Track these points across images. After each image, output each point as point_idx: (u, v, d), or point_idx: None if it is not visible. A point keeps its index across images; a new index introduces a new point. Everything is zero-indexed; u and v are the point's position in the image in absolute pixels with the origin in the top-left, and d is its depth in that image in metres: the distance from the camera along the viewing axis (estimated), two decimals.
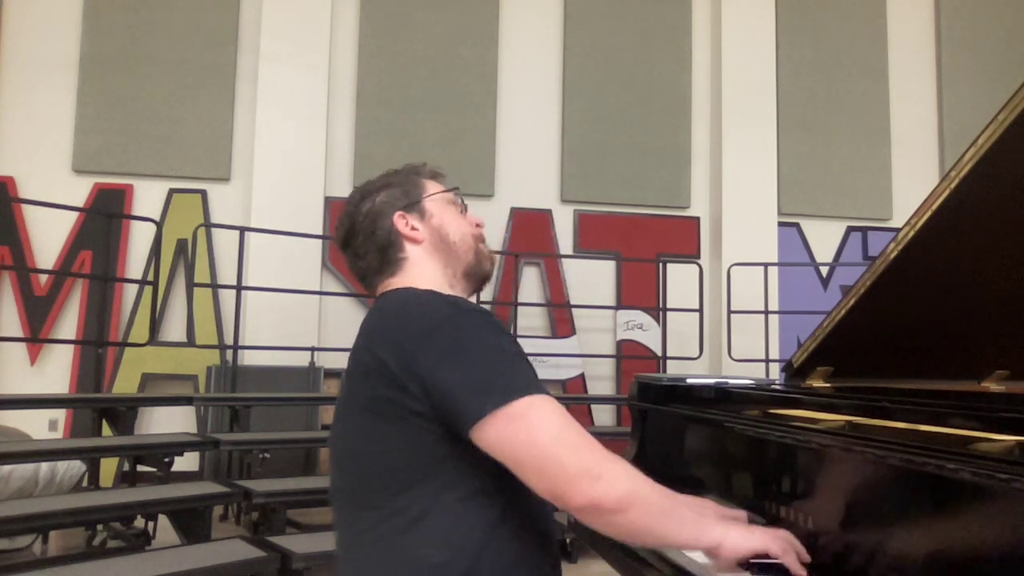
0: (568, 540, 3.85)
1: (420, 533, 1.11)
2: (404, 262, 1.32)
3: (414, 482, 1.12)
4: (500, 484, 1.12)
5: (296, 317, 5.79)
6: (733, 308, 6.23)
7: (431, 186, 1.38)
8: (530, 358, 1.18)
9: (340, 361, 5.65)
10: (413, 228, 1.33)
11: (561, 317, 6.53)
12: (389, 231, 1.32)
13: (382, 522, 1.13)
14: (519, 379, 1.09)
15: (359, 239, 1.33)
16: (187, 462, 5.09)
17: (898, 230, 1.45)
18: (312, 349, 5.67)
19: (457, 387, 1.08)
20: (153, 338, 5.13)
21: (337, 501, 1.23)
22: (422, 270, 1.32)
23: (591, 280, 6.57)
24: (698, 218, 6.89)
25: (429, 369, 1.09)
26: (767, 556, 1.14)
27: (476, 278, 1.37)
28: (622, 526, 1.06)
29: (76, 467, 3.94)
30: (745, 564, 1.21)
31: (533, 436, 1.05)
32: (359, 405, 1.16)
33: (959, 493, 0.96)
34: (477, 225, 1.40)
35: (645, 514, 1.06)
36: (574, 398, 6.25)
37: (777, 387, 1.83)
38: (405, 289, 1.28)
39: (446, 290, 1.31)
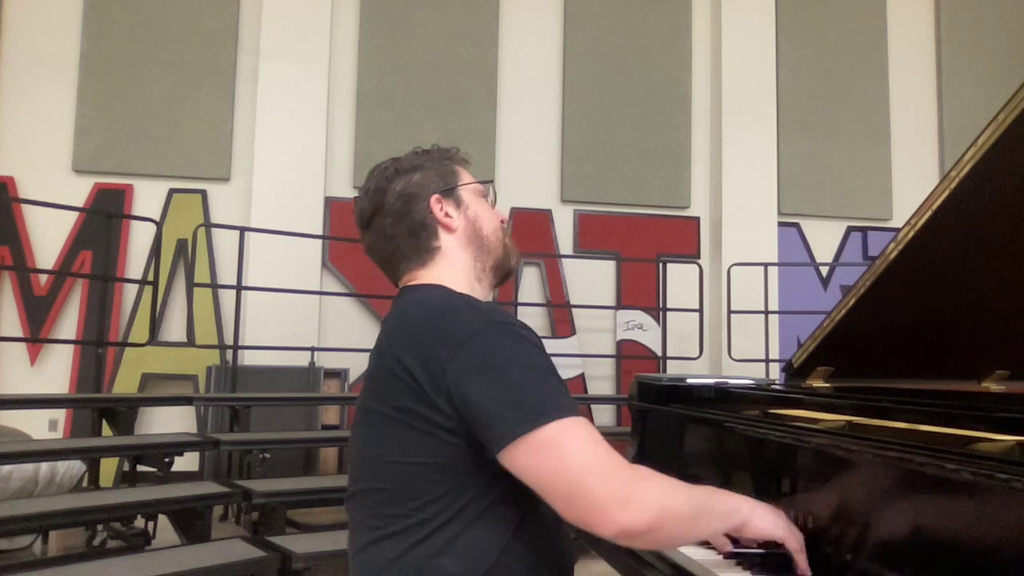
0: None
1: (439, 542, 1.10)
2: (436, 251, 1.28)
3: (438, 494, 1.11)
4: (519, 496, 1.11)
5: (296, 317, 5.79)
6: (733, 308, 6.23)
7: (464, 174, 1.34)
8: (542, 342, 1.18)
9: (340, 361, 5.72)
10: (448, 215, 1.29)
11: (561, 317, 6.53)
12: (424, 215, 1.27)
13: (401, 530, 1.12)
14: (549, 401, 1.07)
15: (388, 219, 1.28)
16: (187, 462, 5.09)
17: (898, 230, 1.45)
18: (312, 349, 5.67)
19: (486, 407, 1.06)
20: (153, 338, 5.13)
21: (354, 503, 1.21)
22: (452, 262, 1.28)
23: (591, 280, 6.57)
24: (698, 218, 6.89)
25: (458, 385, 1.07)
26: (780, 545, 1.16)
27: (501, 272, 1.35)
28: (655, 542, 1.07)
29: (76, 467, 3.94)
30: (746, 564, 1.21)
31: (560, 465, 1.03)
32: (384, 412, 1.14)
33: (959, 493, 0.96)
34: (502, 220, 1.37)
35: (678, 526, 1.05)
36: (574, 398, 6.24)
37: (777, 387, 1.83)
38: (434, 288, 1.25)
39: (473, 284, 1.29)
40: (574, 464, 1.03)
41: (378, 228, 1.30)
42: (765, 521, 1.13)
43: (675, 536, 1.06)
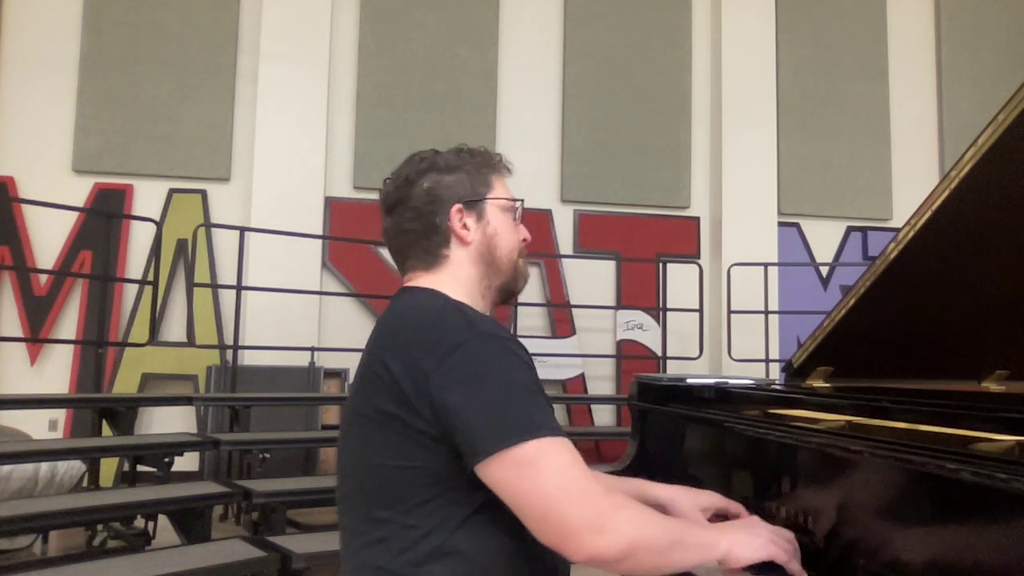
0: None
1: (425, 549, 1.09)
2: (444, 259, 1.26)
3: (423, 499, 1.10)
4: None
5: (296, 317, 5.79)
6: (733, 308, 6.23)
7: (498, 186, 1.31)
8: (531, 358, 1.16)
9: (340, 361, 5.72)
10: (465, 227, 1.26)
11: (561, 317, 6.53)
12: (442, 220, 1.25)
13: (387, 536, 1.11)
14: (530, 418, 1.06)
15: (408, 213, 1.26)
16: (187, 462, 5.09)
17: (898, 230, 1.45)
18: (312, 349, 5.67)
19: (467, 418, 1.05)
20: (153, 338, 5.13)
21: (343, 506, 1.21)
22: (458, 274, 1.26)
23: (591, 280, 6.57)
24: (698, 218, 6.89)
25: (441, 394, 1.07)
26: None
27: (505, 294, 1.33)
28: (628, 570, 1.05)
29: (76, 467, 3.94)
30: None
31: (536, 485, 1.02)
32: (369, 415, 1.14)
33: (959, 493, 0.96)
34: (524, 240, 1.34)
35: (650, 556, 1.04)
36: (574, 398, 6.25)
37: (777, 387, 1.83)
38: (429, 293, 1.23)
39: (476, 299, 1.26)
40: (551, 486, 1.02)
41: (398, 218, 1.28)
42: (747, 549, 1.11)
43: (646, 566, 1.05)
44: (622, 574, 1.09)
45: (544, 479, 1.03)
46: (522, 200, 1.35)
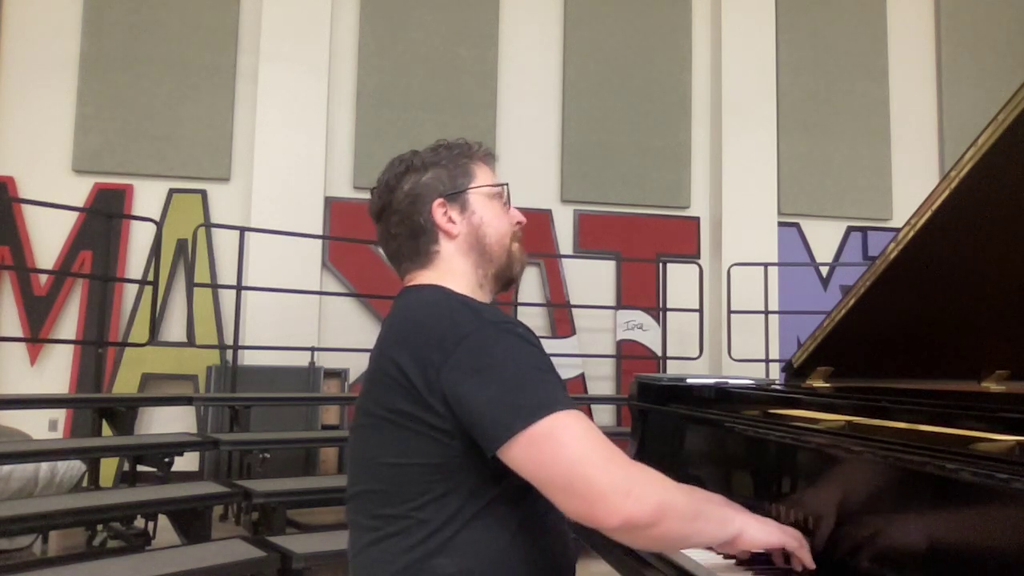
0: None
1: (436, 543, 1.10)
2: (435, 256, 1.27)
3: (435, 495, 1.11)
4: (518, 496, 1.10)
5: (296, 317, 5.79)
6: (733, 308, 6.23)
7: (480, 174, 1.31)
8: (538, 340, 1.17)
9: (340, 361, 5.72)
10: (451, 220, 1.26)
11: (561, 317, 6.53)
12: (426, 218, 1.26)
13: (398, 531, 1.12)
14: (543, 396, 1.07)
15: (394, 217, 1.28)
16: (187, 462, 5.09)
17: (898, 230, 1.45)
18: (312, 349, 5.67)
19: (481, 407, 1.06)
20: (153, 338, 5.13)
21: (353, 505, 1.21)
22: (452, 268, 1.27)
23: (591, 280, 6.57)
24: (698, 218, 6.89)
25: (452, 386, 1.07)
26: (780, 549, 1.15)
27: (503, 281, 1.33)
28: (656, 538, 1.05)
29: (76, 467, 3.94)
30: (746, 562, 1.21)
31: (558, 456, 1.02)
32: (380, 414, 1.14)
33: (959, 493, 0.96)
34: (517, 223, 1.34)
35: (677, 522, 1.04)
36: (574, 398, 6.22)
37: (777, 387, 1.83)
38: (432, 289, 1.24)
39: (475, 289, 1.27)
40: (573, 456, 1.02)
41: (386, 224, 1.30)
42: (760, 533, 1.13)
43: (674, 533, 1.05)
44: (644, 546, 1.08)
45: (564, 449, 1.03)
46: (506, 184, 1.35)
